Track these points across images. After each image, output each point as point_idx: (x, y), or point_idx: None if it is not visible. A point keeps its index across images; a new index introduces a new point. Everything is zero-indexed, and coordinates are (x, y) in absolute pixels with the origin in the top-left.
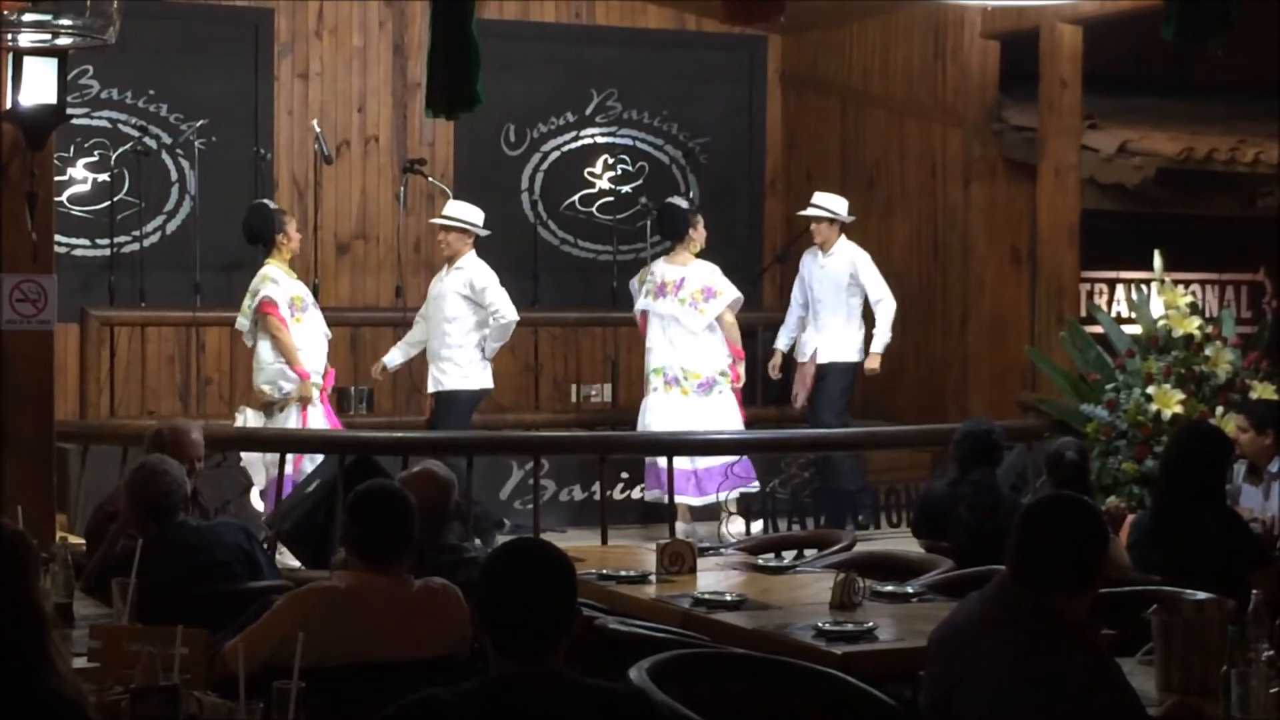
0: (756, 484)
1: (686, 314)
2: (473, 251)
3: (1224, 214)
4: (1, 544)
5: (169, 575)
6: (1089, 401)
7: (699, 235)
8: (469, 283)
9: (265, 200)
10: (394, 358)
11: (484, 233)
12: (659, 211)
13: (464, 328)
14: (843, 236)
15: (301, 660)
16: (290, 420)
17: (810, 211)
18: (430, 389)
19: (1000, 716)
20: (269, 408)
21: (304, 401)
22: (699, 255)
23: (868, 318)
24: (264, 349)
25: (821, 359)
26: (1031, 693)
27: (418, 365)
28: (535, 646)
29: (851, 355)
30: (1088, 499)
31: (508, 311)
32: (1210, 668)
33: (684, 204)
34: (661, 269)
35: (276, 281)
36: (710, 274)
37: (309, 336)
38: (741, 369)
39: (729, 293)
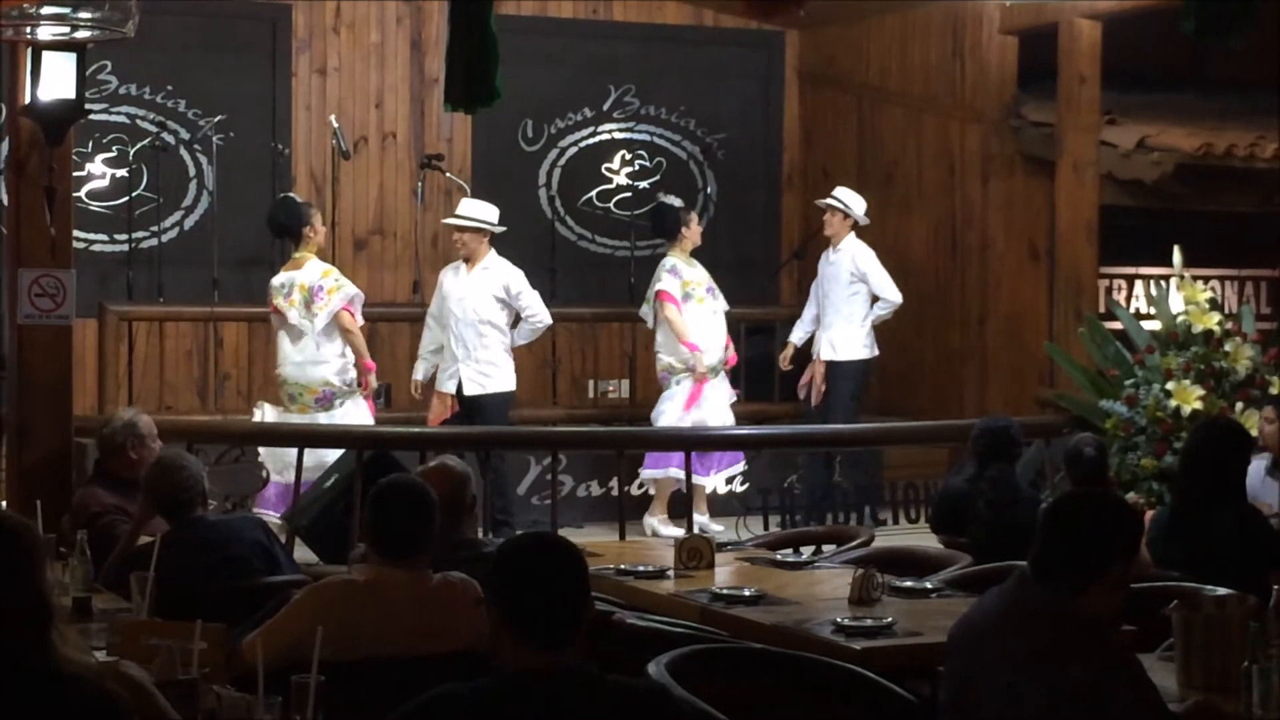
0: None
1: (648, 313)
2: (493, 250)
3: (1243, 210)
4: (6, 534)
5: (187, 570)
6: (1108, 397)
7: (692, 234)
8: (505, 286)
9: (291, 194)
10: (421, 372)
11: (500, 229)
12: (652, 211)
13: (499, 330)
14: (852, 234)
15: (320, 654)
16: (355, 414)
17: (822, 201)
18: (470, 391)
19: (1018, 713)
20: (328, 400)
21: (367, 394)
22: (703, 253)
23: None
24: (322, 342)
25: (825, 356)
26: (1048, 690)
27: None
28: (558, 634)
29: (855, 354)
30: (1110, 495)
31: (544, 315)
32: (1231, 664)
33: (676, 203)
34: (689, 271)
35: (340, 284)
36: (661, 272)
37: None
38: (706, 359)
39: (657, 286)
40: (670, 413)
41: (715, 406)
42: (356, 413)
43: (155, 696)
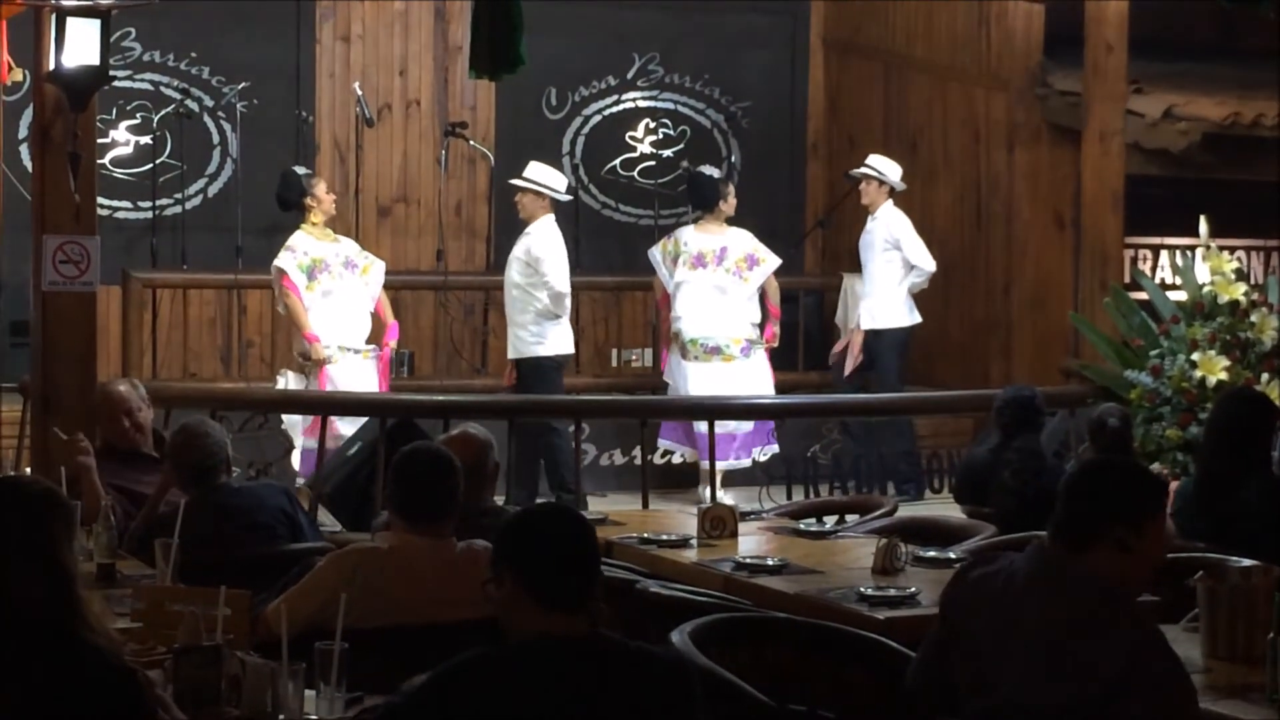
0: (776, 446)
1: (733, 283)
2: (548, 216)
3: (1271, 179)
4: (32, 500)
5: (211, 536)
6: (1133, 368)
7: (729, 205)
8: (528, 249)
9: (294, 167)
10: None
11: (564, 198)
12: (687, 181)
13: (529, 292)
14: (889, 201)
15: (343, 621)
16: (309, 383)
17: (857, 170)
18: (510, 355)
19: (1035, 675)
20: (301, 371)
21: (319, 364)
22: (730, 222)
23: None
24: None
25: (866, 325)
26: (1064, 653)
27: (458, 331)
28: (576, 596)
29: (895, 321)
30: (1124, 463)
31: (556, 283)
32: (1256, 635)
33: (714, 173)
34: (695, 239)
35: (291, 249)
36: (750, 242)
37: (331, 299)
38: (777, 328)
39: (771, 259)
40: (769, 383)
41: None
42: (320, 384)
43: (171, 708)
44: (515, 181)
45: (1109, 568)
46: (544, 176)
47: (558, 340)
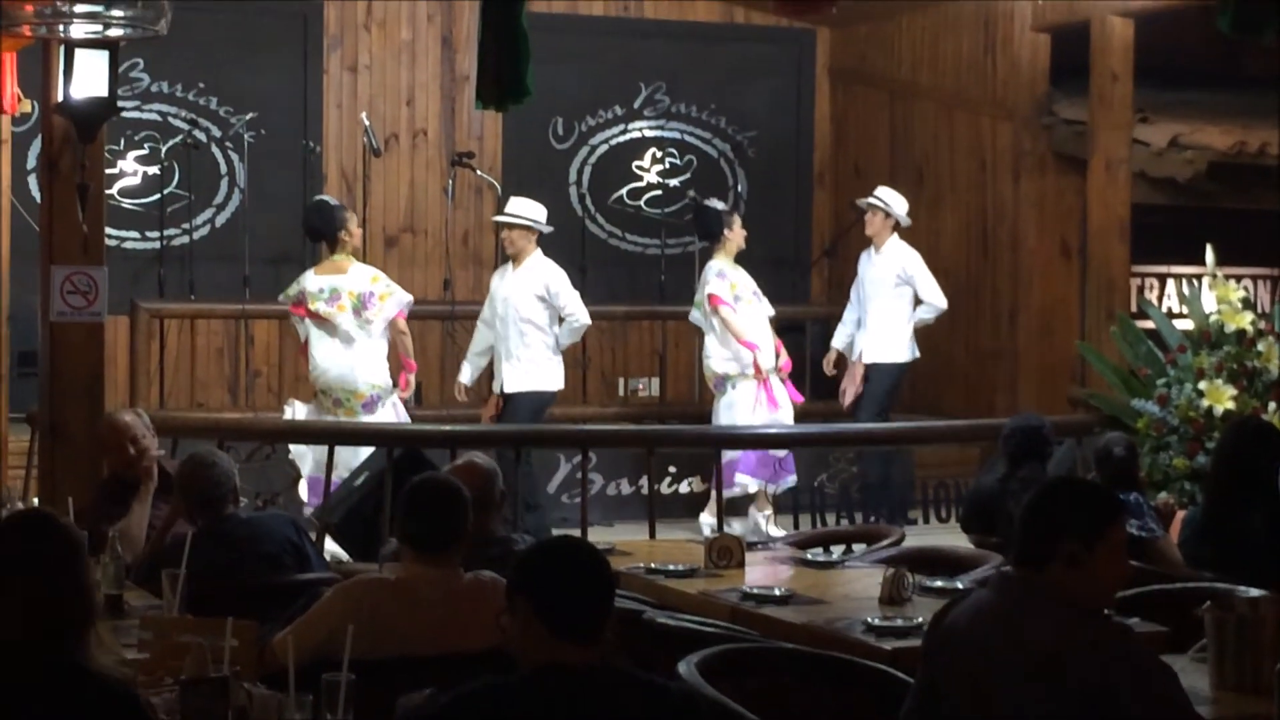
0: (793, 478)
1: (700, 319)
2: (539, 250)
3: (1276, 208)
4: (52, 537)
5: (218, 567)
6: (1140, 397)
7: (735, 235)
8: (546, 286)
9: (325, 197)
10: (467, 374)
11: (547, 229)
12: (694, 213)
13: (541, 329)
14: (895, 235)
15: (350, 652)
16: (393, 414)
17: (864, 200)
18: (509, 389)
19: (1025, 699)
20: (374, 404)
21: (405, 394)
22: (738, 256)
23: None
24: (375, 348)
25: (867, 359)
26: (1045, 673)
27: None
28: (590, 627)
29: (897, 356)
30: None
31: (582, 315)
32: (1264, 665)
33: (719, 205)
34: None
35: (391, 290)
36: (709, 276)
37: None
38: (763, 359)
39: (711, 288)
40: (739, 416)
41: (785, 409)
42: (395, 413)
43: None
44: (505, 219)
45: (1063, 585)
46: (531, 211)
47: (559, 375)
